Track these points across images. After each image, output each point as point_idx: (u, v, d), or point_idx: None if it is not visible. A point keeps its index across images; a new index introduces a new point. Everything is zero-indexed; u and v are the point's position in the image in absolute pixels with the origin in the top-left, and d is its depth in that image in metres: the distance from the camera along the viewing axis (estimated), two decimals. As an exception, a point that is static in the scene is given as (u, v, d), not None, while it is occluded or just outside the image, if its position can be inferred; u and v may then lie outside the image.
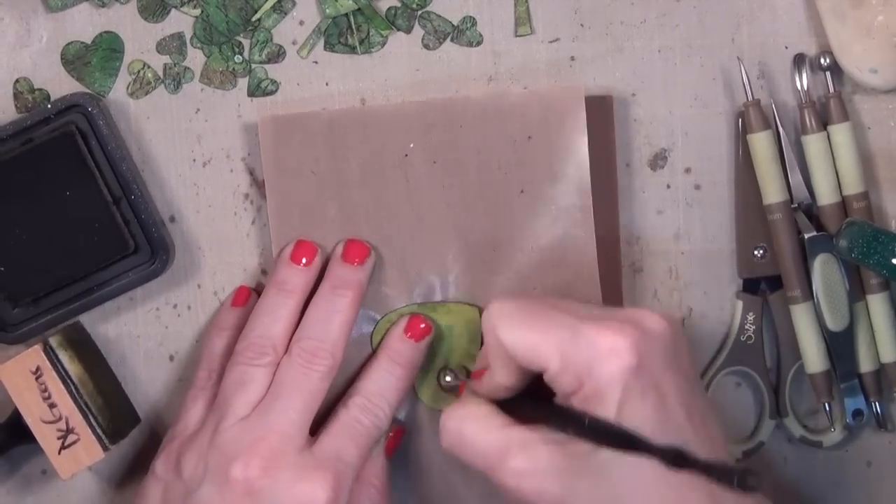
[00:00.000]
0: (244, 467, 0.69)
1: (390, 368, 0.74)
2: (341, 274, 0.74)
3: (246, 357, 0.72)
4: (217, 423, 0.71)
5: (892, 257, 0.69)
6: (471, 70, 0.76)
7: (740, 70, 0.74)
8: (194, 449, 0.71)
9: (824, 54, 0.75)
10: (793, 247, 0.75)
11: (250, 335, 0.73)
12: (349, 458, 0.71)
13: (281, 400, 0.71)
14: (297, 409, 0.71)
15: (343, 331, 0.73)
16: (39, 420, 0.73)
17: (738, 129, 0.76)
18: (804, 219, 0.75)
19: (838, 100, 0.75)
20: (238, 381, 0.72)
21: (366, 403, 0.73)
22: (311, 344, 0.72)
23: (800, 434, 0.77)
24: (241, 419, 0.71)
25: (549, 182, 0.75)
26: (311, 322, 0.73)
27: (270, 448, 0.70)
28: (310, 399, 0.71)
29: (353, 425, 0.72)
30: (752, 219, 0.76)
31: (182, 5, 0.76)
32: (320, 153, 0.75)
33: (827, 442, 0.77)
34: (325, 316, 0.73)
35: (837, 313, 0.74)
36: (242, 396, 0.71)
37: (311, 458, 0.70)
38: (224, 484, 0.69)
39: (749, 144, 0.75)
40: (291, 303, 0.73)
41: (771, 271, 0.76)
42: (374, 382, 0.74)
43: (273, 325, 0.73)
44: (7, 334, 0.75)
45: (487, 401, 0.69)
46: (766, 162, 0.75)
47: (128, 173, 0.74)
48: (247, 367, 0.72)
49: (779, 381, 0.77)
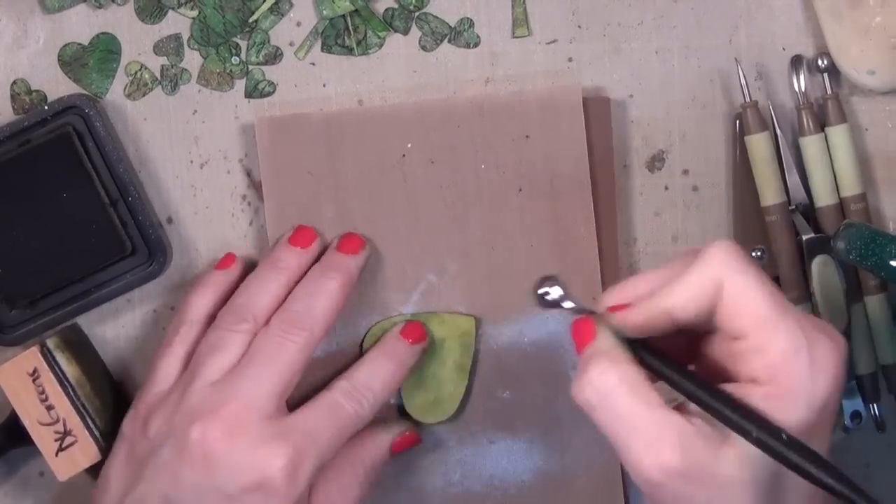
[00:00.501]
0: (203, 430, 0.68)
1: (382, 362, 0.73)
2: (334, 259, 0.74)
3: (226, 322, 0.71)
4: (186, 385, 0.70)
5: (889, 259, 0.69)
6: (468, 71, 0.76)
7: (738, 71, 0.74)
8: (162, 409, 0.71)
9: (822, 56, 0.75)
10: (790, 248, 0.75)
11: (234, 302, 0.72)
12: (319, 436, 0.70)
13: (252, 367, 0.70)
14: (268, 377, 0.69)
15: (327, 310, 0.72)
16: (37, 422, 0.73)
17: (736, 130, 0.76)
18: (802, 220, 0.75)
19: (836, 101, 0.75)
20: (213, 345, 0.71)
21: (350, 389, 0.72)
22: (292, 315, 0.71)
23: None
24: (210, 383, 0.70)
25: (548, 182, 0.75)
26: (296, 297, 0.72)
27: (233, 413, 0.69)
28: (284, 369, 0.70)
29: (333, 407, 0.71)
30: (750, 220, 0.76)
31: (179, 7, 0.76)
32: (317, 154, 0.75)
33: None
34: (312, 292, 0.72)
35: (835, 315, 0.74)
36: (215, 361, 0.70)
37: (275, 427, 0.69)
38: (183, 445, 0.68)
39: (747, 146, 0.75)
40: (282, 279, 0.73)
41: (769, 273, 0.76)
42: (363, 372, 0.73)
43: (258, 296, 0.72)
44: (4, 336, 0.75)
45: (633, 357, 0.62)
46: (764, 163, 0.75)
47: (125, 175, 0.74)
48: (224, 332, 0.71)
49: None
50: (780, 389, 0.58)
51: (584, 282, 0.75)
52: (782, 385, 0.58)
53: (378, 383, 0.73)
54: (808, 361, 0.58)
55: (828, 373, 0.58)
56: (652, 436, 0.58)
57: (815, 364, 0.58)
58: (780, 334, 0.58)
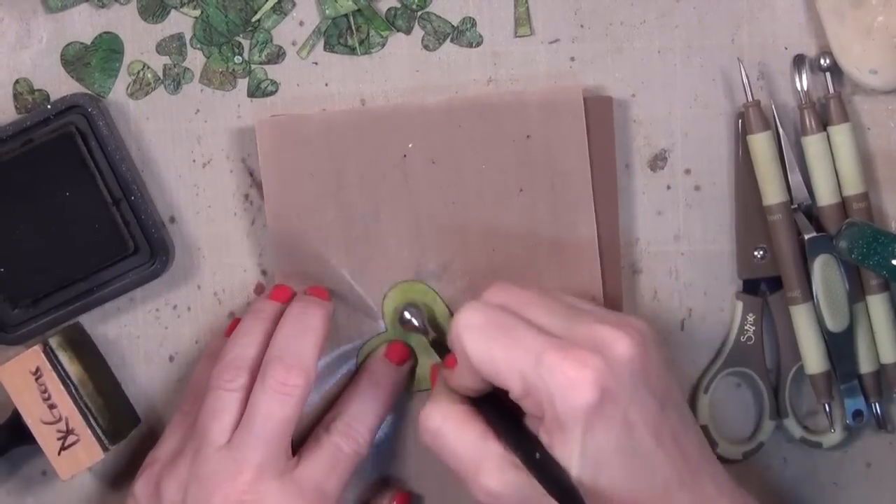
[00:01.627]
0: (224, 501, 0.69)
1: (371, 392, 0.74)
2: (309, 298, 0.74)
3: (221, 380, 0.71)
4: (196, 451, 0.71)
5: (891, 258, 0.69)
6: (471, 71, 0.76)
7: (740, 70, 0.74)
8: (174, 475, 0.71)
9: (824, 55, 0.75)
10: (792, 247, 0.75)
11: (226, 357, 0.72)
12: (327, 487, 0.71)
13: (255, 430, 0.70)
14: (271, 439, 0.70)
15: (315, 348, 0.72)
16: (39, 421, 0.73)
17: (738, 129, 0.76)
18: (804, 219, 0.75)
19: (838, 100, 0.75)
20: (213, 407, 0.71)
21: (346, 430, 0.73)
22: (284, 362, 0.71)
23: (800, 435, 0.77)
24: (218, 448, 0.70)
25: (549, 182, 0.75)
26: (282, 338, 0.72)
27: (249, 482, 0.69)
28: (285, 425, 0.70)
29: (335, 453, 0.72)
30: (752, 220, 0.76)
31: (182, 6, 0.76)
32: (318, 155, 0.75)
33: (827, 443, 0.77)
34: (297, 333, 0.72)
35: (837, 314, 0.74)
36: (217, 423, 0.70)
37: (287, 487, 0.70)
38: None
39: (749, 145, 0.75)
40: (265, 325, 0.73)
41: (771, 272, 0.76)
42: (355, 405, 0.74)
43: (247, 347, 0.72)
44: (7, 335, 0.75)
45: (463, 397, 0.69)
46: (766, 163, 0.75)
47: (127, 174, 0.74)
48: (221, 392, 0.71)
49: (779, 381, 0.77)
50: (546, 421, 0.64)
51: (585, 282, 0.75)
52: (545, 417, 0.64)
53: (371, 416, 0.74)
54: (547, 392, 0.63)
55: (576, 387, 0.63)
56: (475, 465, 0.66)
57: (556, 392, 0.63)
58: (514, 380, 0.64)
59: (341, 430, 0.73)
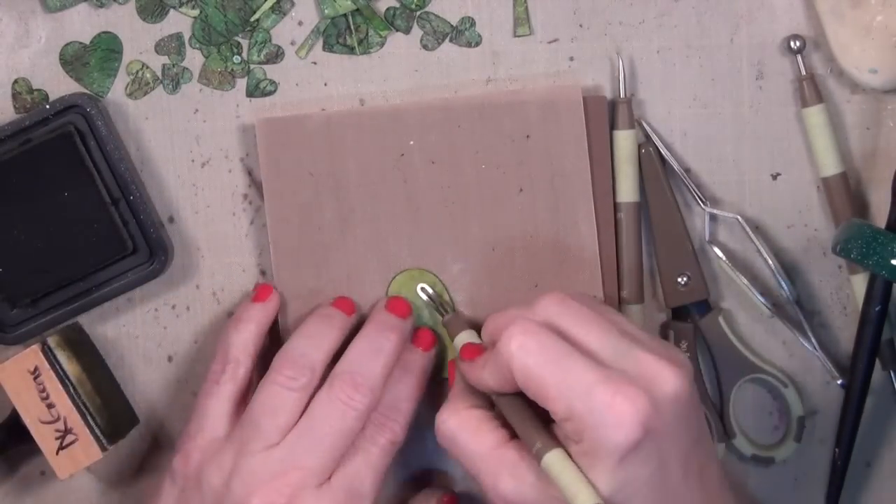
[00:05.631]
0: (263, 502, 0.69)
1: (402, 378, 0.73)
2: (388, 319, 0.74)
3: (283, 375, 0.71)
4: (243, 444, 0.70)
5: (891, 258, 0.69)
6: (470, 70, 0.76)
7: (619, 66, 0.74)
8: (217, 464, 0.70)
9: (794, 38, 0.75)
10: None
11: (291, 352, 0.72)
12: (363, 487, 0.70)
13: (311, 437, 0.70)
14: (329, 448, 0.70)
15: (385, 371, 0.72)
16: (37, 420, 0.73)
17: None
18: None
19: (811, 81, 0.75)
20: (270, 403, 0.70)
21: (380, 419, 0.72)
22: (354, 378, 0.71)
23: (751, 453, 0.77)
24: (268, 447, 0.70)
25: (548, 181, 0.75)
26: (356, 354, 0.72)
27: (292, 485, 0.69)
28: (341, 439, 0.70)
29: (369, 449, 0.71)
30: (672, 246, 0.76)
31: (181, 6, 0.76)
32: (318, 154, 0.75)
33: (779, 457, 0.77)
34: (371, 352, 0.72)
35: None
36: (272, 420, 0.70)
37: (325, 495, 0.69)
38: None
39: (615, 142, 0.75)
40: (336, 334, 0.73)
41: (697, 297, 0.76)
42: (388, 393, 0.73)
43: (315, 348, 0.72)
44: (5, 335, 0.75)
45: (478, 401, 0.69)
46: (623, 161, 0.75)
47: (126, 174, 0.74)
48: (280, 390, 0.70)
49: (722, 402, 0.77)
50: (583, 446, 0.64)
51: (585, 282, 0.75)
52: (582, 443, 0.64)
53: (404, 402, 0.73)
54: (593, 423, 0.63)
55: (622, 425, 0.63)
56: (491, 470, 0.67)
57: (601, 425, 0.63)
58: (560, 404, 0.64)
59: (375, 422, 0.72)
